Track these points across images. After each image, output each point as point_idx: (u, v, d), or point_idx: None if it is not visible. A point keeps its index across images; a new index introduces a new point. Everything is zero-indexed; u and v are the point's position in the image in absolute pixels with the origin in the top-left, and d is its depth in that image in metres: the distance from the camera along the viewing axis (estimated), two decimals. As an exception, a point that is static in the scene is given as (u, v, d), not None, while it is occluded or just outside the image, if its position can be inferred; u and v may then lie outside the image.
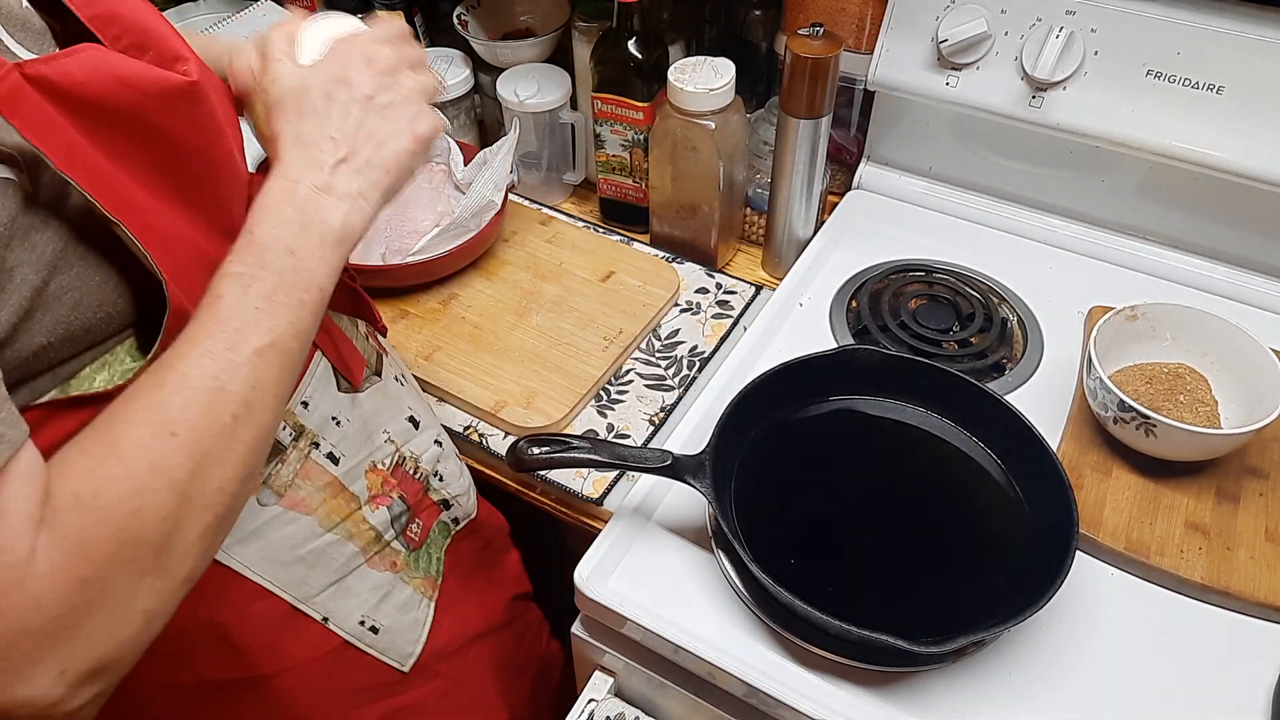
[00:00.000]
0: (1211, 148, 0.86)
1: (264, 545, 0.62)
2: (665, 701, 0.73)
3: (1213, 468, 0.76)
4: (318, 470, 0.65)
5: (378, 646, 0.71)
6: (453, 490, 0.79)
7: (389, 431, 0.72)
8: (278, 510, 0.62)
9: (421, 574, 0.75)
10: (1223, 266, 0.94)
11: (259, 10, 1.23)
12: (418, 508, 0.75)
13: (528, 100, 1.06)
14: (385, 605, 0.71)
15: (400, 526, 0.73)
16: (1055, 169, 0.98)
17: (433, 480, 0.77)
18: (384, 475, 0.71)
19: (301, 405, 0.63)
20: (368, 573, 0.70)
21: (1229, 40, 0.83)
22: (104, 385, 0.49)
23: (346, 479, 0.67)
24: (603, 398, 0.91)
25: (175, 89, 0.50)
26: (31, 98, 0.44)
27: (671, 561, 0.73)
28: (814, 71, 0.87)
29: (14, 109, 0.43)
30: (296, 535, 0.64)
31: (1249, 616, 0.69)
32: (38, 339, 0.45)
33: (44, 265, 0.45)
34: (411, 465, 0.74)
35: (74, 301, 0.47)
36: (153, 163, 0.50)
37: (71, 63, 0.46)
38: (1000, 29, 0.92)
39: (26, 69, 0.44)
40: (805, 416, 0.80)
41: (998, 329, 0.90)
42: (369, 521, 0.69)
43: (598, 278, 1.00)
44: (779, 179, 0.97)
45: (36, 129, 0.43)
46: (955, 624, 0.62)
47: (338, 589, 0.68)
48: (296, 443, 0.63)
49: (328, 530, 0.66)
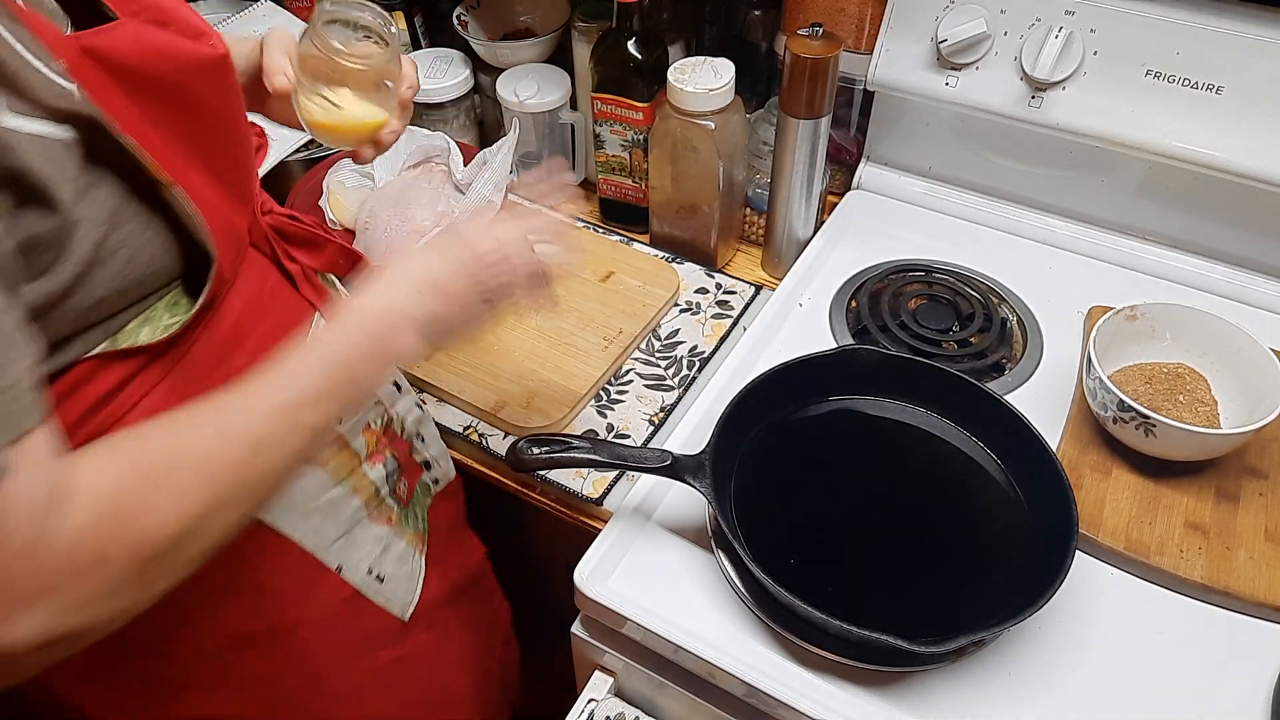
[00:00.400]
0: (1211, 148, 0.86)
1: (286, 498, 0.65)
2: (665, 701, 0.73)
3: (1212, 468, 0.76)
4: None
5: (383, 595, 0.74)
6: (432, 452, 0.82)
7: (378, 393, 0.74)
8: None
9: (411, 529, 0.78)
10: (1222, 266, 0.94)
11: (259, 10, 1.23)
12: (405, 467, 0.77)
13: (527, 100, 1.06)
14: (386, 557, 0.74)
15: (392, 484, 0.75)
16: (1055, 169, 0.98)
17: (416, 442, 0.79)
18: (377, 434, 0.73)
19: None
20: (370, 526, 0.73)
21: (1229, 40, 0.83)
22: (148, 339, 0.53)
23: (349, 435, 0.70)
24: (602, 398, 0.91)
25: (207, 61, 0.54)
26: (90, 67, 0.47)
27: (671, 561, 0.73)
28: (814, 71, 0.87)
29: (80, 76, 0.46)
30: (311, 486, 0.67)
31: (1249, 616, 0.69)
32: (97, 291, 0.49)
33: (103, 220, 0.48)
34: (399, 426, 0.77)
35: (128, 256, 0.50)
36: (187, 131, 0.53)
37: (117, 36, 0.49)
38: (1000, 29, 0.92)
39: (83, 40, 0.47)
40: (805, 416, 0.80)
41: (997, 329, 0.90)
42: (369, 477, 0.72)
43: (597, 278, 1.00)
44: (779, 179, 0.97)
45: (98, 95, 0.47)
46: (955, 624, 0.62)
47: (347, 540, 0.70)
48: None
49: (337, 483, 0.69)
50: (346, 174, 1.07)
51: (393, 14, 1.19)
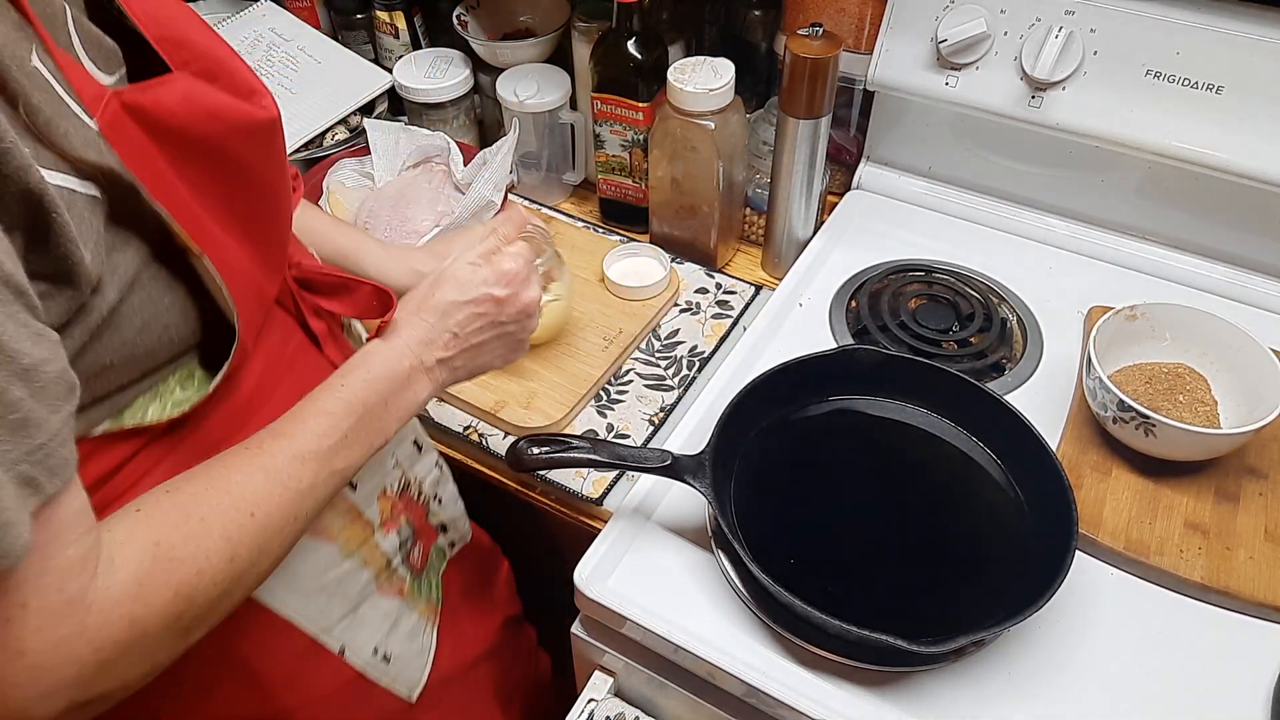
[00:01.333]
0: (1211, 147, 0.86)
1: (289, 576, 0.62)
2: (665, 701, 0.73)
3: (1212, 467, 0.76)
4: (338, 497, 0.64)
5: (389, 676, 0.71)
6: (449, 514, 0.79)
7: (397, 455, 0.72)
8: (303, 538, 0.61)
9: (424, 600, 0.75)
10: (1222, 266, 0.94)
11: (259, 10, 1.23)
12: (420, 531, 0.75)
13: (527, 100, 1.06)
14: (395, 633, 0.71)
15: (405, 551, 0.73)
16: (1055, 169, 0.98)
17: (433, 504, 0.77)
18: (393, 500, 0.71)
19: None
20: (379, 600, 0.70)
21: (1229, 40, 0.83)
22: (155, 417, 0.50)
23: (362, 504, 0.67)
24: (602, 398, 0.91)
25: (260, 124, 0.52)
26: (129, 126, 0.44)
27: (671, 561, 0.73)
28: (813, 71, 0.87)
29: (116, 136, 0.44)
30: (320, 563, 0.64)
31: (1248, 616, 0.69)
32: (103, 358, 0.46)
33: (122, 284, 0.45)
34: (415, 489, 0.74)
35: (142, 323, 0.47)
36: (226, 195, 0.51)
37: (165, 92, 0.46)
38: (999, 29, 0.92)
39: (125, 97, 0.44)
40: (805, 416, 0.80)
41: (997, 329, 0.90)
42: (381, 547, 0.69)
43: (597, 278, 1.00)
44: (778, 179, 0.97)
45: (134, 157, 0.44)
46: (955, 624, 0.62)
47: (353, 618, 0.67)
48: None
49: (346, 557, 0.66)
50: (346, 174, 1.07)
51: (392, 14, 1.20)
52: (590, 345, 0.93)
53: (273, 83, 1.16)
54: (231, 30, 1.20)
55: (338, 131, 1.15)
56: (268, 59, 1.19)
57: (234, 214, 0.52)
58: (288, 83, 1.17)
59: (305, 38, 1.21)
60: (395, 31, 1.21)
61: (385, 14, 1.20)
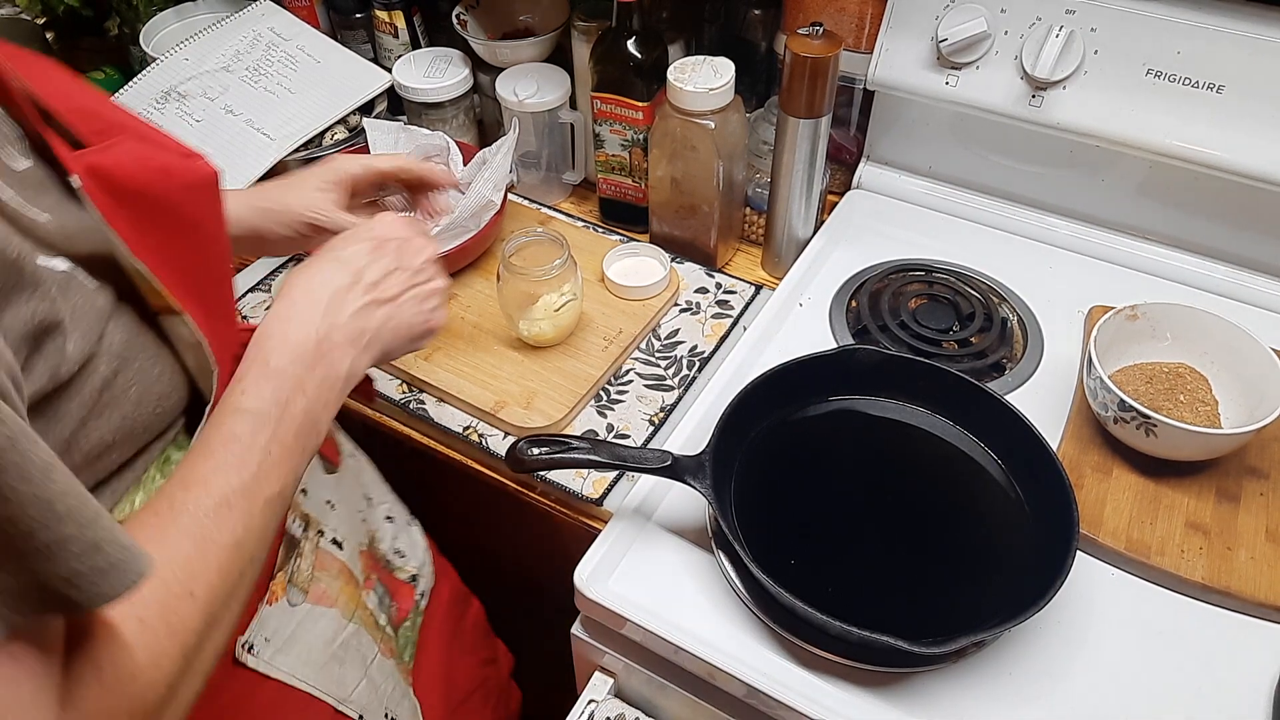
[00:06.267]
0: (1211, 147, 0.86)
1: (302, 649, 0.60)
2: (665, 702, 0.73)
3: (1213, 467, 0.76)
4: (329, 558, 0.64)
5: None
6: (415, 564, 0.78)
7: (361, 510, 0.71)
8: (307, 608, 0.61)
9: (400, 660, 0.74)
10: (1223, 266, 0.94)
11: (258, 9, 1.23)
12: (390, 588, 0.73)
13: (527, 100, 1.06)
14: (396, 694, 0.70)
15: (386, 608, 0.71)
16: (1055, 169, 0.98)
17: (394, 559, 0.75)
18: (367, 557, 0.70)
19: (301, 493, 0.62)
20: (383, 661, 0.69)
21: (1229, 40, 0.83)
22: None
23: (350, 563, 0.66)
24: (602, 398, 0.91)
25: (205, 179, 0.50)
26: (94, 187, 0.43)
27: (671, 562, 0.73)
28: (814, 71, 0.87)
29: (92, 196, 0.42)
30: (327, 631, 0.62)
31: (1249, 616, 0.69)
32: (103, 436, 0.44)
33: (115, 358, 0.43)
34: (374, 547, 0.72)
35: (138, 396, 0.45)
36: (181, 253, 0.49)
37: (118, 153, 0.45)
38: (1000, 28, 0.92)
39: (86, 158, 0.43)
40: (805, 416, 0.80)
41: (998, 329, 0.90)
42: (368, 606, 0.68)
43: (597, 278, 1.00)
44: (778, 179, 0.97)
45: (110, 216, 0.43)
46: (955, 624, 0.62)
47: (367, 684, 0.66)
48: (306, 532, 0.62)
49: (349, 620, 0.65)
50: (346, 174, 1.07)
51: (392, 14, 1.19)
52: (590, 345, 0.93)
53: (271, 82, 1.16)
54: (231, 30, 1.20)
55: (337, 131, 1.15)
56: (267, 59, 1.18)
57: (189, 273, 0.49)
58: (287, 82, 1.17)
59: (305, 37, 1.21)
60: (395, 31, 1.21)
61: (385, 13, 1.20)
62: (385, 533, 0.75)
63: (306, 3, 1.25)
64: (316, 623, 0.62)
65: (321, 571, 0.63)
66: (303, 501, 0.62)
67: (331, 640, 0.63)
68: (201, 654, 0.43)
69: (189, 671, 0.42)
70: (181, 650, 0.41)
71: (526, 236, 0.90)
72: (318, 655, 0.62)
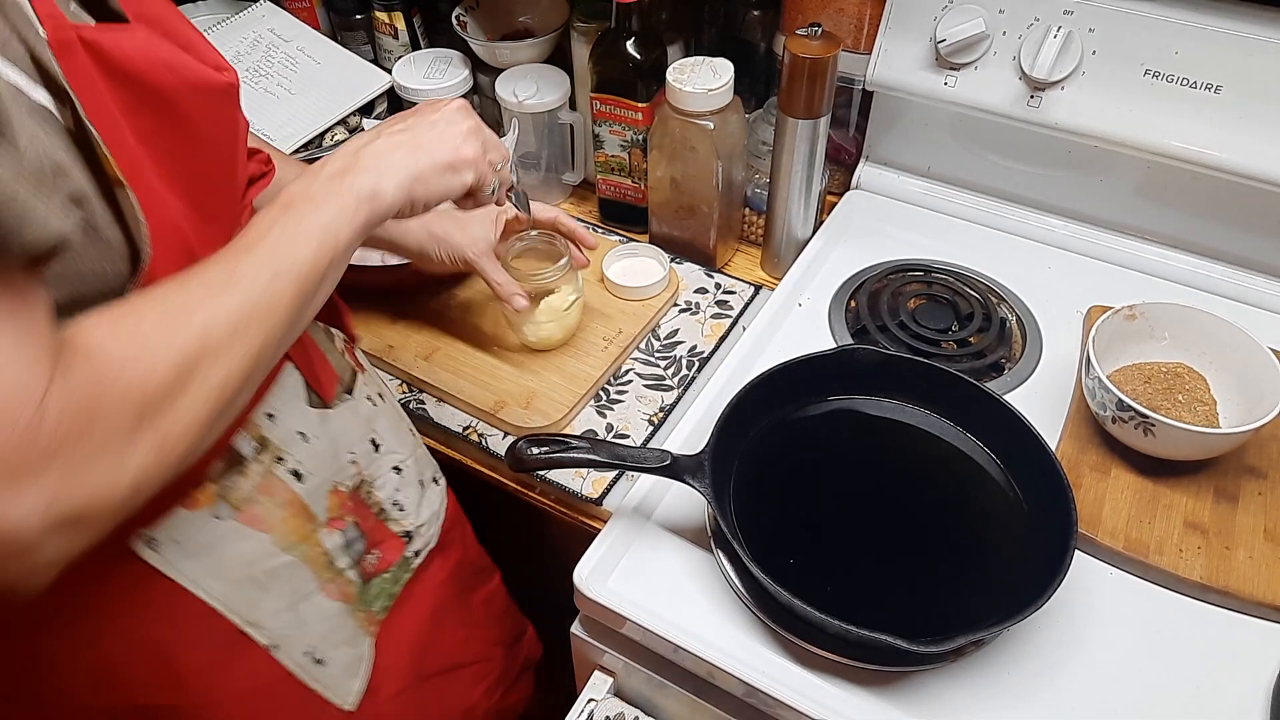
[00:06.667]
0: (1210, 147, 0.87)
1: (216, 561, 0.60)
2: (665, 701, 0.73)
3: (1211, 467, 0.76)
4: (280, 486, 0.63)
5: (321, 681, 0.69)
6: (414, 520, 0.77)
7: (355, 453, 0.70)
8: (233, 525, 0.60)
9: (367, 608, 0.73)
10: (1222, 266, 0.94)
11: (258, 10, 1.23)
12: (374, 537, 0.73)
13: (526, 101, 1.06)
14: (334, 637, 0.69)
15: (355, 555, 0.70)
16: (1054, 169, 0.98)
17: (390, 509, 0.74)
18: (344, 498, 0.69)
19: (266, 417, 0.61)
20: (323, 601, 0.68)
21: (1228, 40, 0.84)
22: None
23: (309, 498, 0.65)
24: (602, 398, 0.91)
25: (216, 86, 0.52)
26: (81, 57, 0.44)
27: (671, 561, 0.73)
28: (812, 71, 0.87)
29: (64, 58, 0.43)
30: (251, 553, 0.62)
31: (1248, 616, 0.69)
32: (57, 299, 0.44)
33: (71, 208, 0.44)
34: (366, 491, 0.72)
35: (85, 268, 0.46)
36: (171, 149, 0.50)
37: (125, 37, 0.47)
38: (998, 29, 0.92)
39: (83, 32, 0.45)
40: (805, 416, 0.80)
41: (996, 329, 0.90)
42: (323, 545, 0.67)
43: (596, 278, 1.00)
44: (778, 179, 0.97)
45: (78, 80, 0.44)
46: (954, 623, 0.62)
47: (291, 616, 0.65)
48: (259, 456, 0.61)
49: (284, 550, 0.64)
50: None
51: (392, 15, 1.20)
52: (590, 345, 0.93)
53: (272, 83, 1.16)
54: (231, 31, 1.20)
55: (337, 132, 1.15)
56: (267, 59, 1.19)
57: (177, 170, 0.51)
58: (287, 83, 1.17)
59: (305, 38, 1.21)
60: (394, 32, 1.21)
61: (384, 14, 1.20)
62: (387, 481, 0.74)
63: (306, 4, 1.25)
64: (240, 542, 0.61)
65: (266, 496, 0.62)
66: (264, 425, 0.61)
67: (253, 563, 0.62)
68: (205, 374, 0.45)
69: (191, 382, 0.45)
70: (175, 365, 0.44)
71: (521, 241, 0.90)
72: (232, 573, 0.61)
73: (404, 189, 0.58)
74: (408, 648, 0.77)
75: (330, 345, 0.71)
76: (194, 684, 0.62)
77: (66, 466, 0.40)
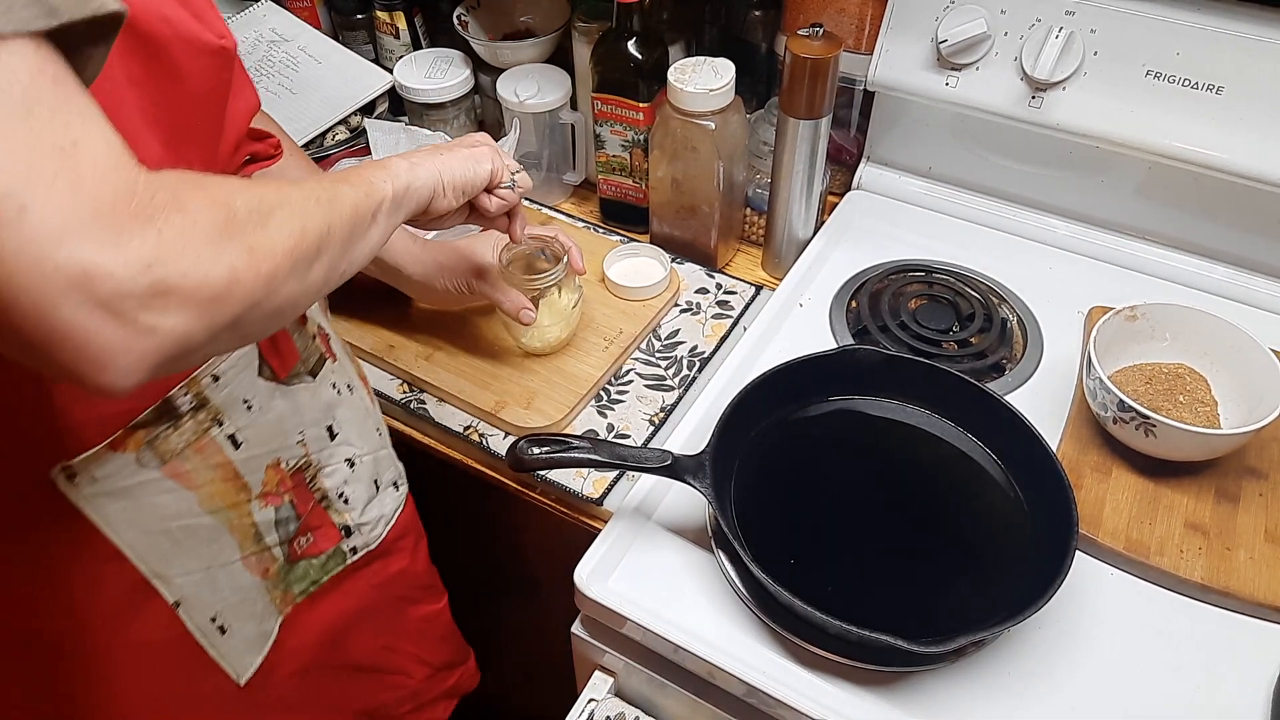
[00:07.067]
0: (1211, 148, 0.86)
1: (132, 506, 0.60)
2: (665, 701, 0.73)
3: (1212, 468, 0.76)
4: (213, 448, 0.63)
5: (218, 650, 0.69)
6: (357, 517, 0.77)
7: (304, 434, 0.70)
8: (156, 475, 0.60)
9: (286, 588, 0.73)
10: (1222, 266, 0.94)
11: (259, 10, 1.23)
12: (311, 521, 0.73)
13: (528, 101, 1.06)
14: (243, 610, 0.69)
15: (285, 533, 0.71)
16: (1055, 169, 0.98)
17: (334, 499, 0.74)
18: (283, 475, 0.69)
19: (211, 378, 0.62)
20: (239, 572, 0.68)
21: (1229, 40, 0.83)
22: None
23: (244, 467, 0.66)
24: (603, 398, 0.91)
25: (207, 46, 0.54)
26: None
27: (671, 561, 0.73)
28: (814, 72, 0.87)
29: None
30: (170, 507, 0.62)
31: (1249, 616, 0.69)
32: None
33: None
34: (311, 474, 0.72)
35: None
36: (159, 96, 0.51)
37: None
38: (1000, 29, 0.92)
39: None
40: (805, 416, 0.80)
41: (997, 329, 0.90)
42: (253, 517, 0.67)
43: (597, 278, 1.00)
44: (779, 179, 0.97)
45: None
46: (955, 624, 0.62)
47: (202, 577, 0.65)
48: (196, 414, 0.61)
49: (207, 513, 0.64)
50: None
51: (393, 14, 1.20)
52: (590, 345, 0.93)
53: (273, 82, 1.16)
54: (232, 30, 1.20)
55: (338, 132, 1.15)
56: (268, 59, 1.19)
57: (159, 116, 0.52)
58: (288, 83, 1.17)
59: (306, 38, 1.21)
60: (396, 32, 1.21)
61: (386, 14, 1.20)
62: (337, 471, 0.74)
63: (308, 3, 1.25)
64: (161, 495, 0.61)
65: (195, 454, 0.62)
66: (207, 385, 0.62)
67: (171, 518, 0.62)
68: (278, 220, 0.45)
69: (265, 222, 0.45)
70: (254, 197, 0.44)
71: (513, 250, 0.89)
72: (148, 523, 0.61)
73: (434, 171, 0.64)
74: (317, 635, 0.78)
75: (299, 329, 0.70)
76: (93, 624, 0.62)
77: (164, 235, 0.39)
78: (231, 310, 0.42)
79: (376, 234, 0.57)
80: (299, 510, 0.71)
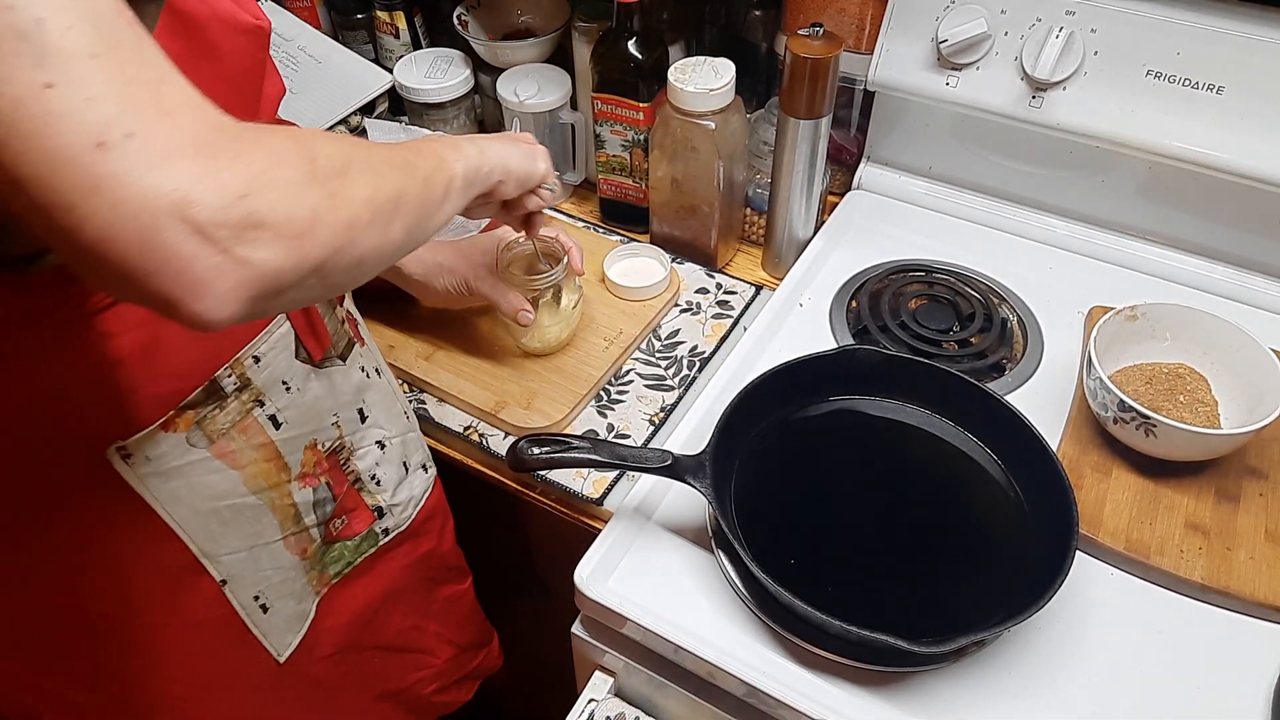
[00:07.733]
0: (1211, 148, 0.86)
1: (183, 486, 0.61)
2: (665, 701, 0.73)
3: (1212, 468, 0.76)
4: (256, 429, 0.65)
5: (261, 628, 0.71)
6: (389, 498, 0.78)
7: (338, 416, 0.72)
8: (205, 455, 0.62)
9: (322, 569, 0.75)
10: (1223, 266, 0.94)
11: (259, 10, 1.23)
12: (346, 503, 0.74)
13: (528, 100, 1.06)
14: (284, 588, 0.71)
15: (322, 515, 0.72)
16: (1055, 169, 0.98)
17: (367, 481, 0.76)
18: (320, 456, 0.71)
19: (252, 359, 0.63)
20: (280, 552, 0.69)
21: (1229, 40, 0.83)
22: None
23: (284, 447, 0.67)
24: (603, 398, 0.91)
25: (244, 25, 0.55)
26: None
27: (671, 561, 0.73)
28: (814, 72, 0.87)
29: None
30: (218, 486, 0.63)
31: (1249, 616, 0.69)
32: None
33: None
34: (344, 456, 0.74)
35: None
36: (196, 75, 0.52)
37: None
38: (1000, 29, 0.92)
39: None
40: (805, 416, 0.80)
41: (998, 329, 0.90)
42: (293, 497, 0.69)
43: (597, 278, 1.00)
44: (779, 179, 0.97)
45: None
46: (955, 624, 0.62)
47: (246, 557, 0.67)
48: (239, 394, 0.63)
49: (251, 492, 0.66)
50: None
51: (393, 14, 1.20)
52: (590, 345, 0.93)
53: (273, 83, 1.16)
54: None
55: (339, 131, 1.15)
56: (268, 59, 1.18)
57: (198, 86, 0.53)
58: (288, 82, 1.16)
59: (305, 37, 1.21)
60: (396, 31, 1.21)
61: (386, 14, 1.20)
62: (369, 453, 0.76)
63: (308, 3, 1.25)
64: (209, 474, 0.62)
65: (240, 434, 0.64)
66: (249, 366, 0.63)
67: (218, 497, 0.64)
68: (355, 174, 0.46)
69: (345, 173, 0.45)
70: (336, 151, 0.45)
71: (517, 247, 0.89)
72: (197, 502, 0.63)
73: (500, 158, 0.64)
74: (350, 616, 0.79)
75: (330, 313, 0.72)
76: (143, 603, 0.64)
77: (252, 168, 0.40)
78: (317, 251, 0.43)
79: (449, 208, 0.58)
80: (335, 492, 0.73)
